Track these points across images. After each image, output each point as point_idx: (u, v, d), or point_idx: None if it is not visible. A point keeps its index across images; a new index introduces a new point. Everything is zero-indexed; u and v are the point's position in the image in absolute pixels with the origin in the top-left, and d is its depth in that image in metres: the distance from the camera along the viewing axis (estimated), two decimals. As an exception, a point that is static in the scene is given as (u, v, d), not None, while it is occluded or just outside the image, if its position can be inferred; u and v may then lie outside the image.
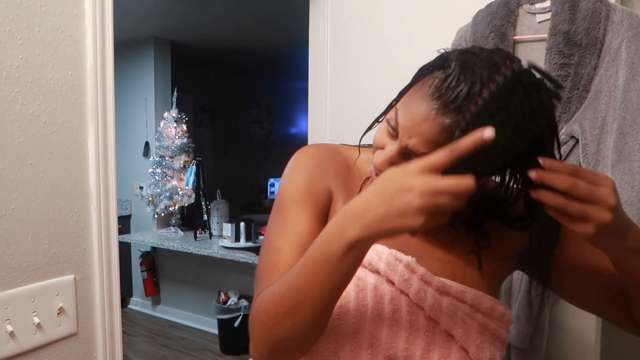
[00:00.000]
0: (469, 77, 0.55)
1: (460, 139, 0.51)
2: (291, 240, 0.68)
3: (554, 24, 1.06)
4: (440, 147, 0.54)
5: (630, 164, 0.98)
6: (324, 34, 1.62)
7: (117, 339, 1.02)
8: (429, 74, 0.59)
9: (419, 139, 0.58)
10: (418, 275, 0.68)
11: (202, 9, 3.36)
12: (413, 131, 0.58)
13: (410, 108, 0.59)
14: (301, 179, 0.72)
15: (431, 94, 0.57)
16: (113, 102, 0.98)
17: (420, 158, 0.54)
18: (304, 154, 0.75)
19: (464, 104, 0.54)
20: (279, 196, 0.73)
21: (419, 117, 0.58)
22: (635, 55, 0.99)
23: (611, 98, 1.02)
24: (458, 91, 0.55)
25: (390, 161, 0.62)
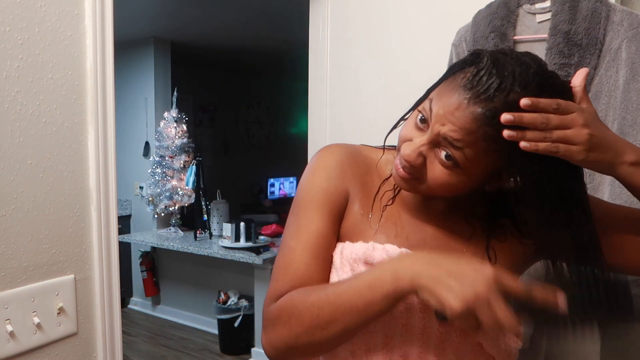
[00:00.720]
0: (501, 71, 0.58)
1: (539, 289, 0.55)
2: (304, 240, 0.70)
3: (554, 24, 1.06)
4: (472, 135, 0.59)
5: (630, 164, 0.98)
6: (324, 34, 1.62)
7: (117, 339, 1.02)
8: (461, 70, 0.62)
9: (452, 126, 0.60)
10: None
11: (202, 9, 3.36)
12: (446, 118, 0.60)
13: (443, 98, 0.62)
14: (319, 179, 0.73)
15: (463, 85, 0.60)
16: (113, 102, 0.98)
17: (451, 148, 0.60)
18: (324, 154, 0.77)
19: (495, 94, 0.57)
20: (297, 196, 0.75)
21: (452, 105, 0.60)
22: (635, 56, 1.00)
23: (611, 98, 1.02)
24: (490, 83, 0.58)
25: (420, 150, 0.64)
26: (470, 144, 0.60)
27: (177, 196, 3.79)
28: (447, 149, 0.62)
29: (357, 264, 0.69)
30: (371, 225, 0.73)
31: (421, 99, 0.67)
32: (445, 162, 0.63)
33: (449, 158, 0.62)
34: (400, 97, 1.44)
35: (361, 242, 0.71)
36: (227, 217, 3.77)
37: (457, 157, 0.61)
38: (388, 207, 0.75)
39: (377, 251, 0.69)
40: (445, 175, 0.64)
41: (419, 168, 0.65)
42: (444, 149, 0.62)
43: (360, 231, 0.73)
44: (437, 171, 0.64)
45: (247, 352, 3.48)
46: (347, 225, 0.74)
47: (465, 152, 0.61)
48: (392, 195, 0.76)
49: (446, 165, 0.63)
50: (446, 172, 0.63)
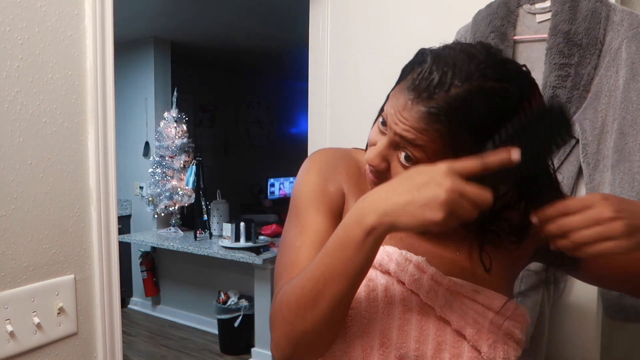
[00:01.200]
0: (441, 67, 0.59)
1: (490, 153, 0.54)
2: (309, 238, 0.69)
3: (554, 24, 1.06)
4: (425, 134, 0.59)
5: (630, 164, 0.98)
6: (324, 34, 1.62)
7: (117, 339, 1.02)
8: (410, 71, 0.63)
9: (403, 125, 0.61)
10: (428, 275, 0.68)
11: (202, 9, 3.36)
12: (397, 119, 0.61)
13: (393, 99, 0.63)
14: (315, 180, 0.73)
15: (407, 87, 0.61)
16: (113, 102, 0.98)
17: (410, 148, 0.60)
18: (316, 157, 0.77)
19: (435, 91, 0.58)
20: (294, 198, 0.74)
21: (400, 106, 0.61)
22: (635, 55, 0.99)
23: (611, 98, 1.02)
24: (429, 81, 0.58)
25: (382, 154, 0.64)
26: (427, 141, 0.60)
27: (177, 196, 3.79)
28: (406, 150, 0.62)
29: None
30: None
31: (383, 105, 0.68)
32: (405, 164, 0.63)
33: (409, 159, 0.62)
34: (400, 97, 1.44)
35: None
36: (227, 217, 3.77)
37: (418, 157, 0.61)
38: None
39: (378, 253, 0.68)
40: None
41: (384, 172, 0.65)
42: (403, 150, 0.62)
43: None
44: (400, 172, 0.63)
45: (247, 352, 3.48)
46: None
47: (425, 150, 0.60)
48: None
49: (406, 167, 0.63)
50: None
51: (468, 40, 1.20)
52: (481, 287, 0.71)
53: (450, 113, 0.57)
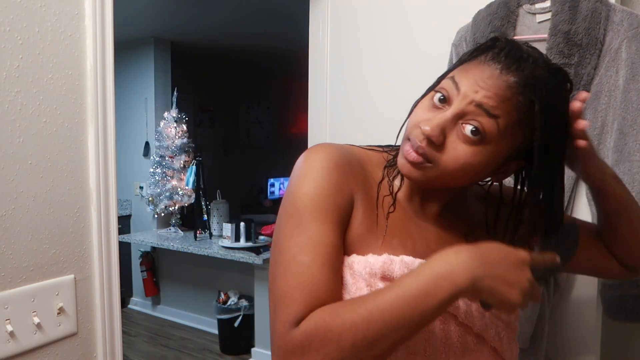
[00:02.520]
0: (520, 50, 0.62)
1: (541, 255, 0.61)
2: (318, 254, 0.61)
3: (554, 24, 1.06)
4: (507, 103, 0.60)
5: (630, 164, 0.98)
6: (324, 34, 1.62)
7: (117, 339, 1.02)
8: (480, 53, 0.64)
9: (487, 92, 0.60)
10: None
11: (202, 8, 3.36)
12: (479, 86, 0.61)
13: (470, 72, 0.63)
14: (322, 183, 0.64)
15: (492, 59, 0.62)
16: (113, 102, 0.98)
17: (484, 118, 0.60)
18: (319, 154, 0.67)
19: (525, 65, 0.60)
20: (295, 202, 0.64)
21: (484, 74, 0.61)
22: (635, 56, 0.99)
23: (611, 98, 1.02)
24: (518, 56, 0.61)
25: (444, 125, 0.62)
26: (504, 112, 0.60)
27: (177, 196, 3.79)
28: (475, 121, 0.60)
29: (373, 279, 0.63)
30: (378, 235, 0.67)
31: (435, 83, 0.67)
32: (470, 137, 0.61)
33: (476, 132, 0.60)
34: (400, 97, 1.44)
35: (372, 254, 0.65)
36: (227, 217, 3.77)
37: (487, 128, 0.60)
38: (391, 214, 0.69)
39: (396, 264, 0.64)
40: (468, 153, 0.61)
41: (437, 148, 0.62)
42: (471, 122, 0.61)
43: (367, 242, 0.66)
44: (459, 149, 0.61)
45: (247, 352, 3.48)
46: (352, 235, 0.66)
47: (499, 122, 0.60)
48: (392, 200, 0.70)
49: (471, 140, 0.61)
50: (469, 150, 0.61)
51: (468, 40, 1.20)
52: None
53: (535, 88, 0.59)
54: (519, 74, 0.60)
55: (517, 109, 0.60)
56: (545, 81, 0.60)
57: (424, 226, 0.72)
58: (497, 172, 0.68)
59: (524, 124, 0.61)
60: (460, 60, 0.66)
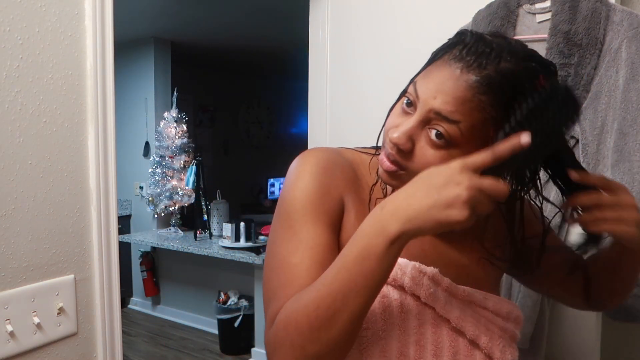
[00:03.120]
0: (488, 43, 0.59)
1: (499, 143, 0.54)
2: (308, 255, 0.62)
3: (554, 24, 1.06)
4: (466, 104, 0.57)
5: (630, 164, 0.98)
6: (324, 34, 1.62)
7: (117, 339, 1.02)
8: (445, 52, 0.62)
9: (444, 97, 0.58)
10: (443, 287, 0.67)
11: (202, 9, 3.36)
12: (437, 91, 0.59)
13: (430, 75, 0.61)
14: (312, 187, 0.65)
15: (453, 59, 0.59)
16: (113, 102, 0.98)
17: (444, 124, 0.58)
18: (309, 159, 0.68)
19: (487, 62, 0.57)
20: (286, 206, 0.66)
21: (443, 77, 0.59)
22: (635, 55, 0.99)
23: (611, 98, 1.02)
24: (480, 52, 0.58)
25: (410, 132, 0.60)
26: (466, 115, 0.57)
27: (177, 196, 3.79)
28: (439, 126, 0.59)
29: None
30: None
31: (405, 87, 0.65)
32: (437, 142, 0.59)
33: (440, 136, 0.59)
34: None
35: None
36: (227, 217, 3.77)
37: (451, 133, 0.58)
38: None
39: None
40: (437, 158, 0.60)
41: (406, 155, 0.61)
42: (434, 127, 0.59)
43: None
44: (428, 154, 0.60)
45: (247, 352, 3.48)
46: (345, 238, 0.67)
47: (460, 126, 0.58)
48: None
49: (438, 145, 0.59)
50: (438, 154, 0.60)
51: (468, 40, 1.20)
52: (489, 294, 0.70)
53: (499, 85, 0.57)
54: (481, 72, 0.57)
55: (480, 109, 0.57)
56: (510, 76, 0.57)
57: None
58: None
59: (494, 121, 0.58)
60: (429, 60, 0.64)
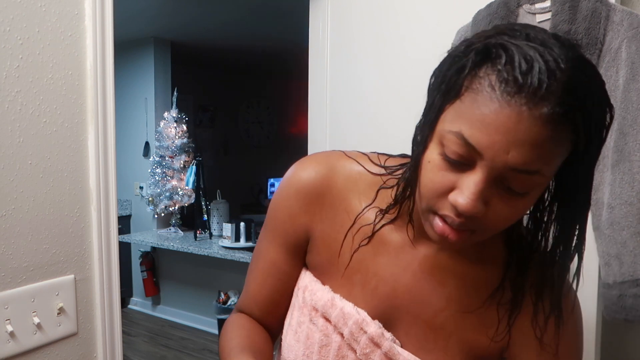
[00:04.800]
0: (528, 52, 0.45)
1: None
2: (259, 266, 0.71)
3: (554, 24, 1.06)
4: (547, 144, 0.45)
5: (630, 164, 0.98)
6: (324, 34, 1.62)
7: (117, 339, 1.02)
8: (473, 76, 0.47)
9: (521, 148, 0.45)
10: (383, 351, 0.62)
11: (202, 8, 3.36)
12: (510, 143, 0.45)
13: (483, 120, 0.45)
14: (282, 209, 0.68)
15: (504, 91, 0.44)
16: (113, 102, 0.98)
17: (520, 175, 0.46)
18: (294, 177, 0.67)
19: (551, 82, 0.44)
20: (267, 214, 0.72)
21: (508, 122, 0.44)
22: (635, 55, 0.99)
23: (611, 98, 1.02)
24: (535, 70, 0.44)
25: (482, 194, 0.48)
26: (546, 158, 0.46)
27: (177, 196, 3.79)
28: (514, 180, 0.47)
29: (315, 314, 0.65)
30: (339, 267, 0.65)
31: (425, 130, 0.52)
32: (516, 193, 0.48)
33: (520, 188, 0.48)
34: (400, 97, 1.44)
35: (328, 288, 0.65)
36: (227, 217, 3.77)
37: (533, 182, 0.48)
38: (362, 247, 0.63)
39: (335, 310, 0.63)
40: (518, 208, 0.50)
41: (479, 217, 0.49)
42: (510, 181, 0.48)
43: (328, 271, 0.66)
44: (506, 209, 0.49)
45: (247, 352, 3.47)
46: (315, 260, 0.68)
47: (544, 171, 0.47)
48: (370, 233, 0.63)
49: (518, 195, 0.49)
50: (519, 204, 0.50)
51: (468, 40, 1.19)
52: None
53: (571, 105, 0.44)
54: (551, 98, 0.44)
55: (563, 140, 0.46)
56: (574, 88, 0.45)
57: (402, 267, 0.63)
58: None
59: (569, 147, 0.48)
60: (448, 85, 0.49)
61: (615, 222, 0.97)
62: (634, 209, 0.96)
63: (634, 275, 0.96)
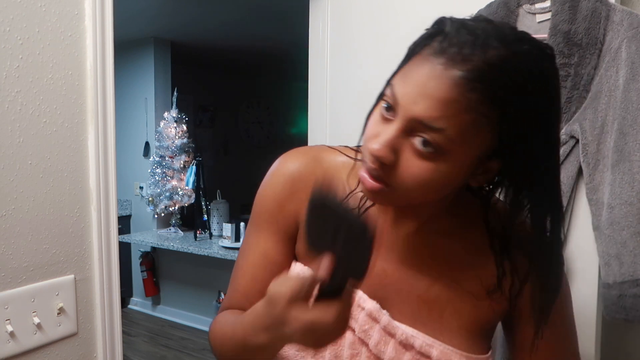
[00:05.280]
0: (472, 30, 0.51)
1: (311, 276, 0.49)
2: (250, 260, 0.69)
3: (554, 24, 1.06)
4: (453, 106, 0.49)
5: (630, 164, 0.98)
6: (324, 34, 1.62)
7: (117, 339, 1.02)
8: (424, 46, 0.53)
9: (427, 101, 0.49)
10: (381, 326, 0.63)
11: (202, 8, 3.36)
12: (418, 95, 0.50)
13: (409, 75, 0.52)
14: (267, 198, 0.69)
15: (432, 53, 0.51)
16: (113, 102, 0.98)
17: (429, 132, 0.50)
18: (279, 168, 0.70)
19: (473, 52, 0.49)
20: (254, 206, 0.71)
21: (424, 76, 0.50)
22: (635, 55, 0.99)
23: (611, 98, 1.02)
24: (463, 42, 0.49)
25: (391, 143, 0.52)
26: (453, 119, 0.49)
27: (177, 196, 3.79)
28: (424, 134, 0.51)
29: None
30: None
31: (382, 89, 0.58)
32: (423, 151, 0.51)
33: (427, 144, 0.51)
34: (400, 97, 1.43)
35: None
36: (227, 217, 3.77)
37: (438, 141, 0.50)
38: None
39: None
40: (426, 169, 0.52)
41: (389, 169, 0.53)
42: (419, 135, 0.51)
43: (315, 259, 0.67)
44: (415, 166, 0.52)
45: (247, 352, 3.48)
46: (301, 249, 0.69)
47: (448, 133, 0.50)
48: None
49: (425, 155, 0.52)
50: (426, 166, 0.52)
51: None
52: (438, 342, 0.63)
53: (488, 77, 0.48)
54: (466, 65, 0.48)
55: (470, 109, 0.49)
56: (501, 65, 0.49)
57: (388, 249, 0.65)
58: (474, 176, 0.57)
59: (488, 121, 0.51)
60: (406, 56, 0.56)
61: (615, 222, 0.97)
62: (634, 209, 0.96)
63: (634, 275, 0.96)
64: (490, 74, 0.49)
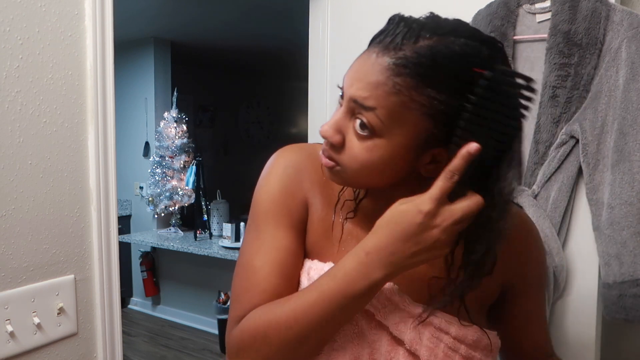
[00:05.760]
0: (409, 23, 0.56)
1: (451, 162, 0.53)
2: (269, 259, 0.64)
3: (554, 23, 1.06)
4: (380, 88, 0.54)
5: (630, 164, 0.98)
6: (324, 34, 1.62)
7: (117, 339, 1.02)
8: (373, 40, 0.59)
9: (359, 83, 0.56)
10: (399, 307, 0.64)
11: (202, 8, 3.36)
12: (354, 79, 0.57)
13: (353, 63, 0.59)
14: (276, 190, 0.67)
15: (373, 45, 0.57)
16: (113, 102, 0.98)
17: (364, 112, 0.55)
18: (279, 161, 0.70)
19: (403, 42, 0.54)
20: (254, 208, 0.69)
21: (359, 64, 0.57)
22: (635, 55, 0.99)
23: (611, 98, 1.02)
24: (397, 33, 0.55)
25: (336, 124, 0.59)
26: (380, 100, 0.54)
27: (177, 196, 3.79)
28: (361, 115, 0.56)
29: None
30: (333, 242, 0.67)
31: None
32: (360, 133, 0.56)
33: (363, 126, 0.56)
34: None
35: (331, 263, 0.65)
36: (227, 217, 3.77)
37: (371, 121, 0.55)
38: (350, 220, 0.68)
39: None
40: (363, 150, 0.57)
41: (337, 150, 0.59)
42: (358, 117, 0.56)
43: (323, 248, 0.68)
44: (355, 147, 0.57)
45: (247, 352, 3.47)
46: (310, 241, 0.69)
47: (377, 113, 0.54)
48: (354, 205, 0.68)
49: (362, 135, 0.56)
50: (363, 146, 0.57)
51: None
52: (455, 319, 0.65)
53: (415, 64, 0.52)
54: (396, 53, 0.53)
55: (396, 92, 0.53)
56: (428, 54, 0.52)
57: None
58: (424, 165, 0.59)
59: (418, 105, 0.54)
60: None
61: (615, 222, 0.98)
62: (634, 209, 0.96)
63: (634, 275, 0.96)
64: (418, 61, 0.53)
